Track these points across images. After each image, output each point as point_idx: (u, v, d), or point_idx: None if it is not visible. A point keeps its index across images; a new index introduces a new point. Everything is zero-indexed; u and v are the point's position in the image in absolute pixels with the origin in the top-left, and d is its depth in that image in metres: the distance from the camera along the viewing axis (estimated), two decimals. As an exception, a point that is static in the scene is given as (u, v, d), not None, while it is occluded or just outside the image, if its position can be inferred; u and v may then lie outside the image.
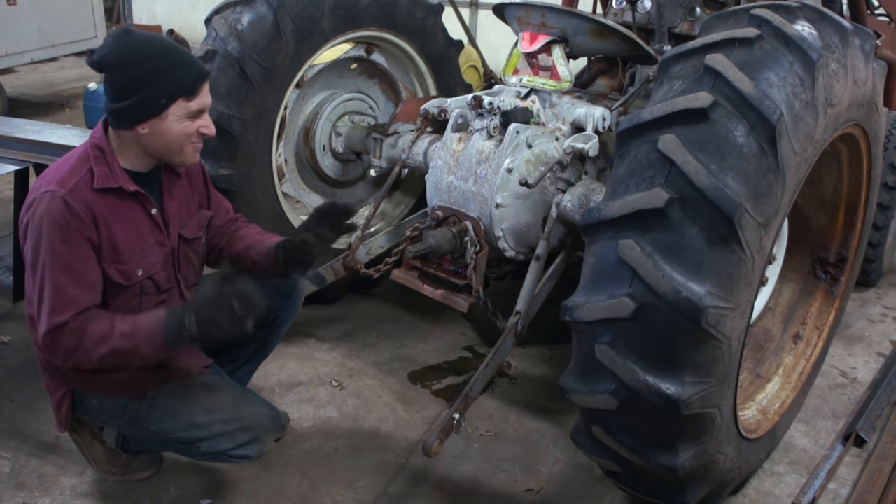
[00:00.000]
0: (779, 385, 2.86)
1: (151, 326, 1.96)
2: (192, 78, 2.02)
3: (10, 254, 3.82)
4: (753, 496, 2.64)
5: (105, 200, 2.04)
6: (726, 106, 1.88)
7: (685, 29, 3.32)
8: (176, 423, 2.22)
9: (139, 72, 1.97)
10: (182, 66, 2.01)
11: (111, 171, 2.05)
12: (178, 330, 1.93)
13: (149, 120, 2.01)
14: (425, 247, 2.78)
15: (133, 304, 2.14)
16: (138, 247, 2.12)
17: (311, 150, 3.52)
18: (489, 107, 2.82)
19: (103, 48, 2.00)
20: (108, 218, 2.04)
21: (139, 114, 2.00)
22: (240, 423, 2.24)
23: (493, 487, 2.63)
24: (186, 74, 2.01)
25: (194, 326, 1.92)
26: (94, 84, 6.17)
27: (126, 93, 1.98)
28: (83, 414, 2.32)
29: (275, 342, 2.62)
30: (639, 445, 2.07)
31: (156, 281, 2.18)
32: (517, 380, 3.28)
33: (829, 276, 2.98)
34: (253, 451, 2.26)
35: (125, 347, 1.96)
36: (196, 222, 2.34)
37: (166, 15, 10.62)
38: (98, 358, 1.98)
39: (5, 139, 3.64)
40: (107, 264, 2.05)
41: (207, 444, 2.23)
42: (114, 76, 1.99)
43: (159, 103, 1.99)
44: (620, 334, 1.93)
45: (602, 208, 1.97)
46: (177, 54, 2.03)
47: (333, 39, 3.22)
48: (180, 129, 2.04)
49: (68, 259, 1.97)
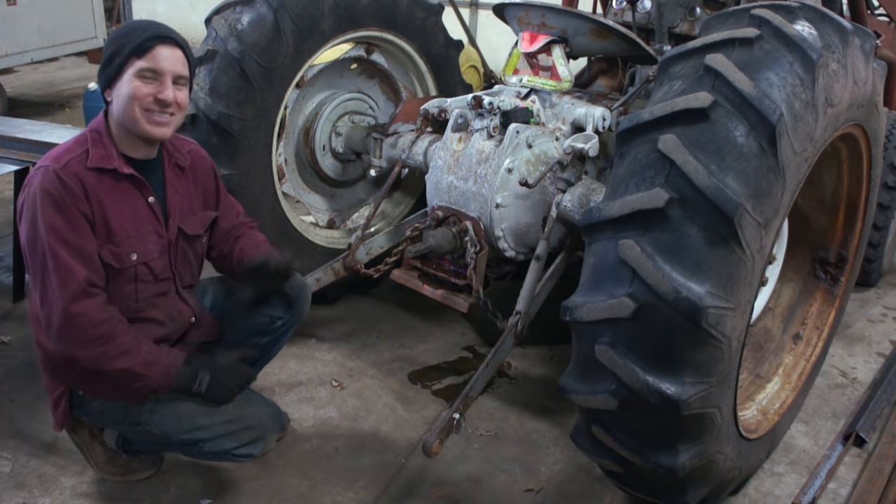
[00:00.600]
0: (779, 385, 2.86)
1: (170, 366, 2.13)
2: (144, 38, 2.05)
3: (10, 254, 3.82)
4: (753, 496, 2.64)
5: (99, 179, 2.05)
6: (726, 106, 1.88)
7: (685, 29, 3.32)
8: (179, 426, 2.22)
9: (110, 45, 2.07)
10: (141, 30, 2.07)
11: (107, 153, 2.08)
12: (189, 381, 2.15)
13: (112, 86, 2.07)
14: (425, 247, 2.78)
15: (128, 291, 2.15)
16: (134, 231, 2.13)
17: (311, 150, 3.51)
18: (489, 107, 2.82)
19: None
20: (101, 196, 2.05)
21: (105, 80, 2.08)
22: (243, 422, 2.24)
23: (493, 487, 2.63)
24: (141, 37, 2.05)
25: (204, 386, 2.16)
26: (94, 84, 6.16)
27: (100, 69, 2.09)
28: (84, 416, 2.32)
29: (278, 349, 2.62)
30: (639, 445, 2.07)
31: (151, 268, 2.18)
32: (517, 380, 3.28)
33: (829, 276, 2.98)
34: (256, 449, 2.27)
35: (139, 372, 2.08)
36: (199, 221, 2.35)
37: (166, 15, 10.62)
38: (111, 368, 2.05)
39: (5, 139, 3.64)
40: (100, 244, 2.06)
41: (211, 444, 2.23)
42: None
43: (116, 64, 2.05)
44: (620, 334, 1.93)
45: (602, 208, 1.97)
46: (144, 24, 2.10)
47: (333, 39, 3.22)
48: (130, 89, 2.04)
49: (65, 231, 1.99)
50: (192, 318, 2.37)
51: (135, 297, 2.16)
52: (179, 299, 2.32)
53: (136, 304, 2.18)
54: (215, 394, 2.19)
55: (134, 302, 2.17)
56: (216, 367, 2.20)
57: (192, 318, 2.37)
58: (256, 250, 2.41)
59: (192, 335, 2.39)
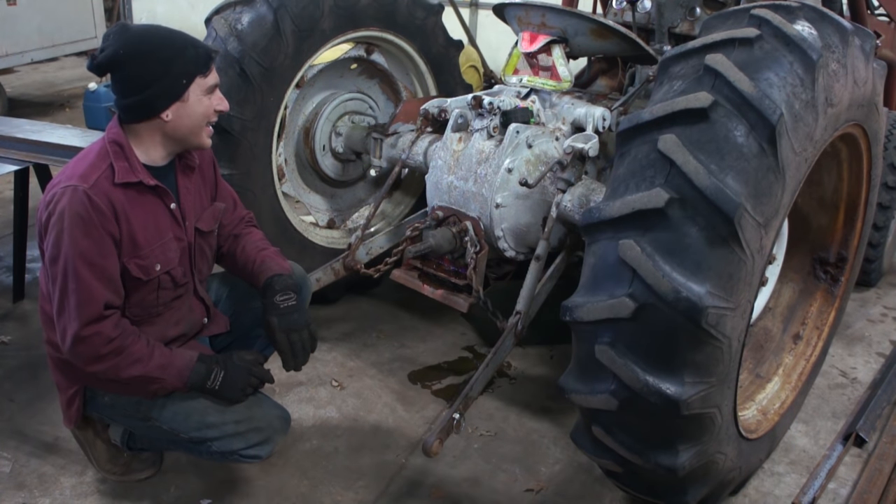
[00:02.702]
0: (779, 385, 2.86)
1: (184, 367, 2.14)
2: (203, 56, 2.08)
3: (10, 254, 3.82)
4: (753, 496, 2.64)
5: (126, 195, 2.06)
6: (726, 106, 1.88)
7: (685, 29, 3.32)
8: (188, 423, 2.22)
9: (153, 60, 2.00)
10: (191, 46, 2.06)
11: (130, 166, 2.07)
12: (204, 378, 2.16)
13: (171, 105, 2.04)
14: (425, 247, 2.78)
15: (150, 299, 2.18)
16: (157, 241, 2.14)
17: (311, 150, 3.51)
18: (489, 107, 2.82)
19: (108, 47, 2.00)
20: (129, 213, 2.06)
21: (163, 101, 2.03)
22: (252, 423, 2.25)
23: (493, 487, 2.63)
24: (198, 53, 2.06)
25: (218, 383, 2.18)
26: (94, 84, 6.17)
27: (141, 84, 2.01)
28: (93, 411, 2.33)
29: None
30: (639, 445, 2.07)
31: (173, 276, 2.20)
32: (517, 380, 3.28)
33: (829, 276, 2.98)
34: (263, 451, 2.28)
35: (155, 376, 2.10)
36: (210, 215, 2.36)
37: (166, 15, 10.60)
38: (126, 376, 2.07)
39: (5, 139, 3.64)
40: (126, 259, 2.07)
41: (219, 443, 2.24)
42: (125, 71, 2.01)
43: (180, 84, 2.04)
44: (620, 334, 1.93)
45: (602, 208, 1.97)
46: (182, 37, 2.08)
47: (333, 39, 3.22)
48: (202, 107, 2.09)
49: (91, 253, 1.98)
50: (206, 318, 2.41)
51: (156, 303, 2.19)
52: (196, 298, 2.36)
53: (156, 309, 2.21)
54: (228, 392, 2.20)
55: (154, 307, 2.20)
56: (230, 365, 2.22)
57: (205, 318, 2.41)
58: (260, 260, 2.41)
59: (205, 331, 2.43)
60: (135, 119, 2.07)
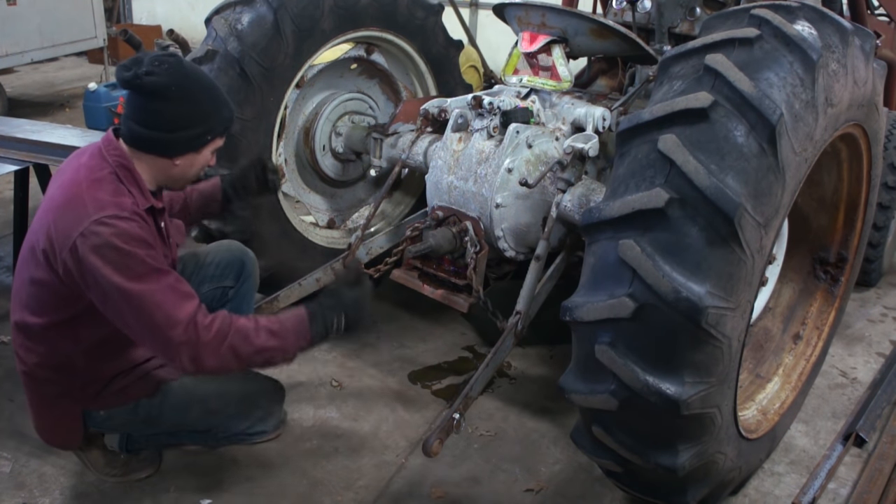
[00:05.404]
0: (779, 385, 2.86)
1: (298, 324, 2.05)
2: (229, 119, 2.10)
3: (10, 254, 3.82)
4: (753, 496, 2.64)
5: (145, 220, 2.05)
6: (726, 106, 1.88)
7: (685, 29, 3.32)
8: (191, 414, 2.22)
9: (196, 108, 2.00)
10: (225, 106, 2.08)
11: (141, 191, 2.04)
12: (325, 329, 2.08)
13: (187, 154, 2.05)
14: (425, 247, 2.78)
15: None
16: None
17: (311, 150, 3.51)
18: (489, 107, 2.82)
19: (159, 75, 1.92)
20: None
21: (183, 147, 2.03)
22: (250, 400, 2.27)
23: (493, 487, 2.63)
24: (228, 116, 2.09)
25: (343, 326, 2.09)
26: (94, 84, 6.17)
27: (174, 125, 1.98)
28: (92, 426, 2.30)
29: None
30: (639, 445, 2.07)
31: None
32: (517, 380, 3.28)
33: (829, 276, 2.98)
34: (268, 426, 2.30)
35: (272, 345, 2.02)
36: (177, 229, 2.37)
37: (166, 15, 10.61)
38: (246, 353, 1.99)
39: (5, 139, 3.64)
40: None
41: (224, 428, 2.26)
42: (167, 105, 1.96)
43: (204, 140, 2.05)
44: (620, 334, 1.93)
45: (602, 208, 1.97)
46: (220, 93, 2.09)
47: (333, 39, 3.22)
48: (204, 161, 2.11)
49: (158, 263, 1.95)
50: None
51: None
52: None
53: None
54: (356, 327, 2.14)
55: None
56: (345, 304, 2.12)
57: None
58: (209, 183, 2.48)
59: None
60: (146, 150, 2.03)
